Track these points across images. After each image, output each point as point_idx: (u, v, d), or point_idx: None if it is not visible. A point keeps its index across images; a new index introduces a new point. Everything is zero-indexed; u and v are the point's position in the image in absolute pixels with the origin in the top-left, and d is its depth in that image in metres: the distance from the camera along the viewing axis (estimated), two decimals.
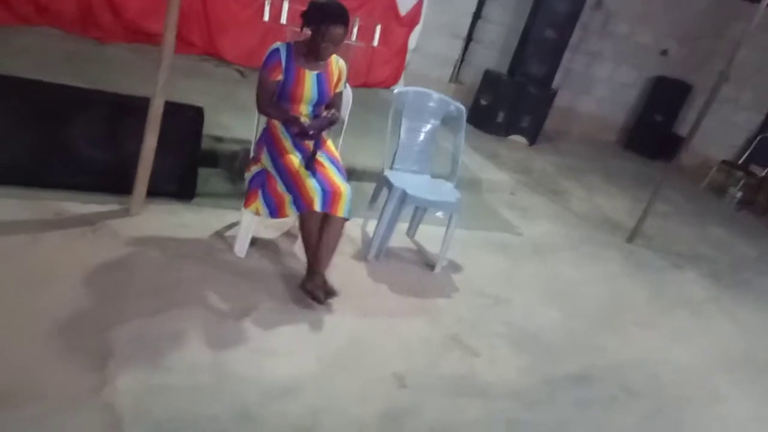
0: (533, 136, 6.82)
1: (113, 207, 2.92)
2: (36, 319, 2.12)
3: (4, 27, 4.54)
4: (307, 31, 2.71)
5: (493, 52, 7.20)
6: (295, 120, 2.73)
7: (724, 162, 7.29)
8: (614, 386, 2.85)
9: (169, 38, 2.66)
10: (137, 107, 2.85)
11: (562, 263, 4.07)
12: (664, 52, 7.95)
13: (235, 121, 3.86)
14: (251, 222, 2.84)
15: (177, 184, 3.18)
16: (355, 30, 3.76)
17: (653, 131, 8.01)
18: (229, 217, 3.15)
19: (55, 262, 2.44)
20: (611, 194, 5.95)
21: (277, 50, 2.72)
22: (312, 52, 2.72)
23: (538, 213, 4.84)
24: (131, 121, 2.92)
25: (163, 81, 2.71)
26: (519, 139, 6.76)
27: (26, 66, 3.87)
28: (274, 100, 2.79)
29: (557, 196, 5.42)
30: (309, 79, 2.76)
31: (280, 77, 2.73)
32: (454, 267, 3.48)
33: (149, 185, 2.92)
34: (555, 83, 7.01)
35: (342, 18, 2.68)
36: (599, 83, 7.88)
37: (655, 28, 7.68)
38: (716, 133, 7.37)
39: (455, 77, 7.28)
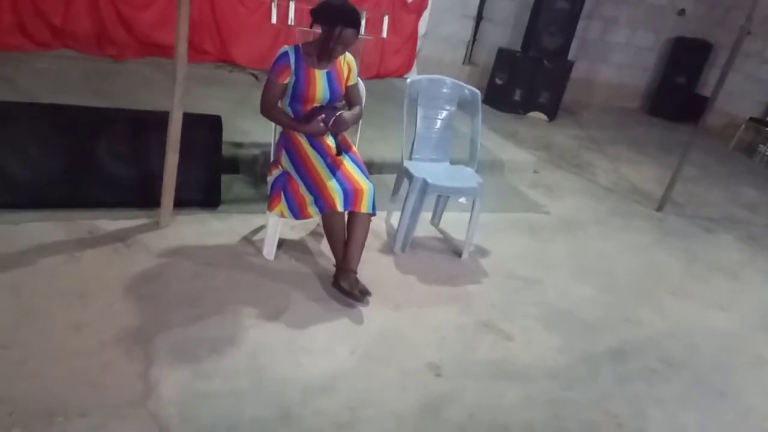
0: (553, 112, 6.73)
1: (143, 221, 3.00)
2: (79, 334, 2.20)
3: (23, 53, 4.66)
4: (316, 29, 2.72)
5: (505, 30, 7.10)
6: (311, 131, 2.75)
7: (751, 119, 7.08)
8: (654, 359, 2.83)
9: (182, 51, 2.70)
10: (158, 121, 2.91)
11: (592, 238, 4.03)
12: (681, 12, 7.73)
13: (253, 125, 3.91)
14: (277, 224, 2.89)
15: (202, 193, 3.24)
16: (363, 23, 3.74)
17: (676, 94, 7.82)
18: (255, 221, 3.21)
19: (93, 279, 2.52)
20: (637, 163, 5.85)
21: (285, 53, 2.74)
22: (323, 52, 2.73)
23: (563, 189, 4.80)
24: (153, 135, 2.98)
25: (179, 94, 2.75)
26: (538, 115, 6.67)
27: (48, 89, 4.00)
28: (282, 102, 2.83)
29: (582, 170, 5.35)
30: (320, 79, 2.78)
31: (289, 80, 2.75)
32: (482, 252, 3.48)
33: (175, 196, 2.98)
34: (571, 54, 6.89)
35: (355, 21, 2.68)
36: (616, 49, 7.71)
37: None
38: (741, 91, 7.16)
39: (468, 59, 7.22)
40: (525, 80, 6.49)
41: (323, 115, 2.74)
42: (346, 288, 2.65)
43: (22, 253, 2.58)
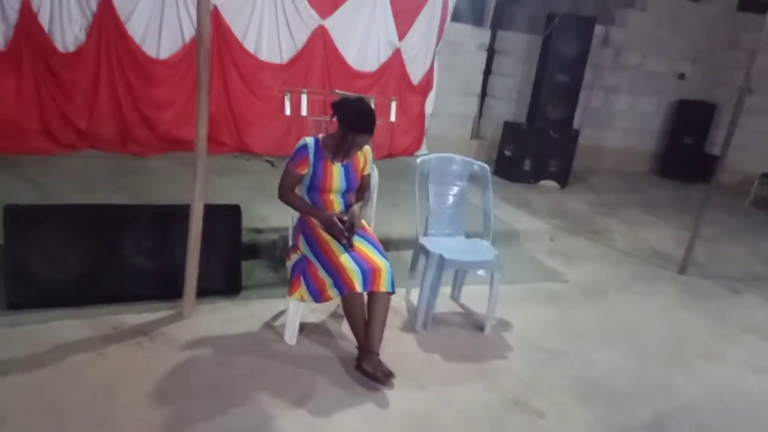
0: (563, 179, 6.82)
1: (166, 313, 3.03)
2: (102, 430, 2.19)
3: (49, 156, 4.90)
4: (334, 122, 2.84)
5: (509, 104, 7.35)
6: (324, 219, 2.82)
7: (764, 175, 7.09)
8: (690, 427, 2.72)
9: (201, 147, 2.84)
10: (179, 214, 3.01)
11: (616, 304, 3.97)
12: (681, 76, 7.96)
13: (271, 211, 4.01)
14: (297, 309, 2.90)
15: (223, 281, 3.29)
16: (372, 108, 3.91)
17: (685, 155, 7.90)
18: (276, 306, 3.22)
19: (117, 374, 2.53)
20: (653, 225, 5.84)
21: (305, 146, 2.85)
22: (339, 151, 2.84)
23: (581, 256, 4.78)
24: (175, 227, 3.07)
25: (200, 188, 2.86)
26: (549, 183, 6.76)
27: (73, 188, 4.17)
28: (300, 190, 2.93)
29: (598, 235, 5.34)
30: (336, 172, 2.88)
31: (306, 171, 2.86)
32: (505, 325, 3.44)
33: (197, 286, 3.03)
34: (576, 123, 7.06)
35: (370, 129, 2.82)
36: (621, 116, 7.89)
37: (666, 53, 7.73)
38: (751, 146, 7.23)
39: (476, 133, 7.43)
40: (533, 150, 6.63)
41: (342, 226, 2.79)
42: (369, 371, 2.63)
43: (48, 351, 2.61)
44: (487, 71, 7.27)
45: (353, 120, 2.78)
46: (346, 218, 2.81)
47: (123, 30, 4.99)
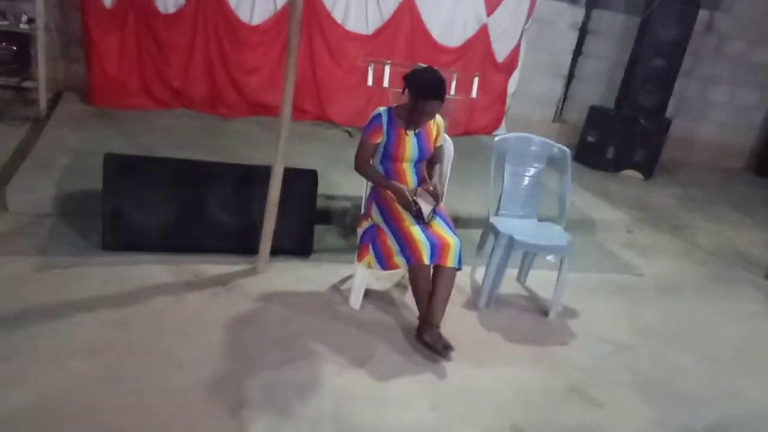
0: (648, 170, 6.51)
1: (242, 267, 3.21)
2: (180, 371, 2.37)
3: (145, 111, 5.22)
4: (407, 95, 2.87)
5: (597, 88, 7.05)
6: (397, 190, 2.86)
7: None
8: None
9: (286, 112, 2.95)
10: (260, 175, 3.15)
11: (691, 304, 3.80)
12: None
13: (345, 179, 4.10)
14: (364, 275, 2.99)
15: (296, 242, 3.43)
16: (454, 84, 3.89)
17: None
18: (344, 270, 3.33)
19: (195, 320, 2.72)
20: (743, 225, 5.49)
21: (379, 115, 2.90)
22: (411, 119, 2.87)
23: (660, 251, 4.58)
24: (256, 187, 3.22)
25: (282, 151, 2.98)
26: (633, 173, 6.47)
27: (165, 143, 4.44)
28: (375, 160, 2.98)
29: (681, 231, 5.09)
30: (409, 140, 2.91)
31: (380, 139, 2.91)
32: (570, 312, 3.38)
33: (272, 245, 3.18)
34: (668, 112, 6.69)
35: (439, 95, 2.81)
36: (717, 108, 7.39)
37: None
38: None
39: (558, 117, 7.20)
40: (618, 138, 6.36)
41: (415, 202, 2.82)
42: (429, 342, 2.68)
43: (135, 292, 2.84)
44: (577, 52, 6.99)
45: (421, 87, 2.80)
46: (417, 197, 2.84)
47: None
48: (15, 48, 4.74)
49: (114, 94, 5.17)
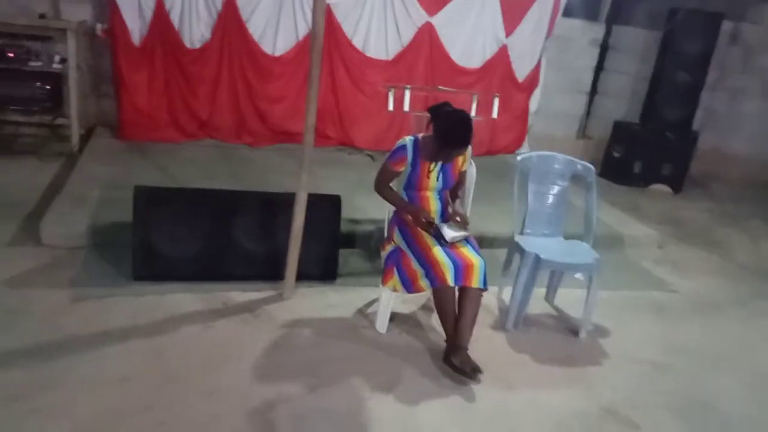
0: (678, 184, 6.39)
1: (269, 293, 3.23)
2: (211, 400, 2.39)
3: (174, 144, 5.36)
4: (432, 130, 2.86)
5: (620, 103, 6.99)
6: (414, 212, 2.88)
7: None
8: None
9: (309, 139, 2.99)
10: (285, 202, 3.18)
11: (731, 322, 3.68)
12: None
13: (369, 203, 4.12)
14: (390, 298, 2.98)
15: (321, 267, 3.44)
16: (474, 105, 3.91)
17: None
18: (369, 294, 3.33)
19: (225, 347, 2.74)
20: None
21: (404, 146, 2.90)
22: (436, 158, 2.87)
23: (693, 267, 4.47)
24: (280, 214, 3.26)
25: (305, 178, 3.02)
26: (662, 188, 6.36)
27: (194, 174, 4.54)
28: (398, 187, 3.00)
29: (715, 246, 4.96)
30: (434, 171, 2.93)
31: (403, 169, 2.93)
32: (602, 331, 3.31)
33: (298, 270, 3.20)
34: (695, 125, 6.58)
35: (465, 143, 2.81)
36: (748, 120, 7.22)
37: None
38: None
39: (582, 133, 7.14)
40: (645, 152, 6.27)
41: (432, 223, 2.84)
42: (457, 365, 2.64)
43: (165, 321, 2.89)
44: (599, 68, 6.95)
45: (447, 135, 2.78)
46: (434, 221, 2.85)
47: (244, 28, 5.35)
48: (48, 87, 4.93)
49: (143, 128, 5.33)
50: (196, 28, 5.28)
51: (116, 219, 3.56)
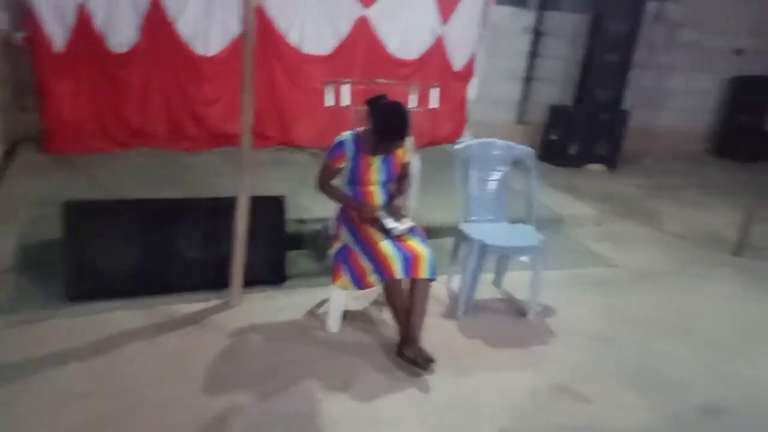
0: (612, 162, 6.63)
1: (215, 302, 3.15)
2: (163, 414, 2.30)
3: (106, 154, 5.13)
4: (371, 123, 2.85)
5: (555, 87, 7.17)
6: (358, 207, 2.87)
7: None
8: (752, 416, 2.62)
9: (247, 141, 2.92)
10: (226, 206, 3.09)
11: (669, 290, 3.85)
12: (739, 52, 7.56)
13: (314, 202, 4.06)
14: (340, 297, 2.96)
15: (269, 270, 3.38)
16: (413, 96, 3.91)
17: (743, 133, 7.53)
18: (320, 294, 3.29)
19: (171, 361, 2.65)
20: (710, 207, 5.61)
21: (343, 142, 2.88)
22: (377, 150, 2.86)
23: (631, 240, 4.65)
24: (223, 219, 3.16)
25: (246, 180, 2.95)
26: (597, 167, 6.58)
27: (129, 184, 4.36)
28: (341, 182, 2.97)
29: (650, 219, 5.18)
30: (375, 164, 2.91)
31: (344, 164, 2.90)
32: (549, 311, 3.40)
33: (244, 276, 3.13)
34: (626, 104, 6.83)
35: (403, 134, 2.80)
36: (674, 95, 7.58)
37: (724, 29, 7.36)
38: None
39: (520, 118, 7.29)
40: (580, 134, 6.47)
41: (379, 218, 2.83)
42: (410, 357, 2.66)
43: (107, 340, 2.76)
44: (533, 54, 7.11)
45: (385, 127, 2.78)
46: (379, 214, 2.84)
47: (173, 29, 5.16)
48: None
49: (71, 140, 5.07)
50: (121, 31, 5.05)
51: (47, 238, 3.37)
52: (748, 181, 6.39)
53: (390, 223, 2.81)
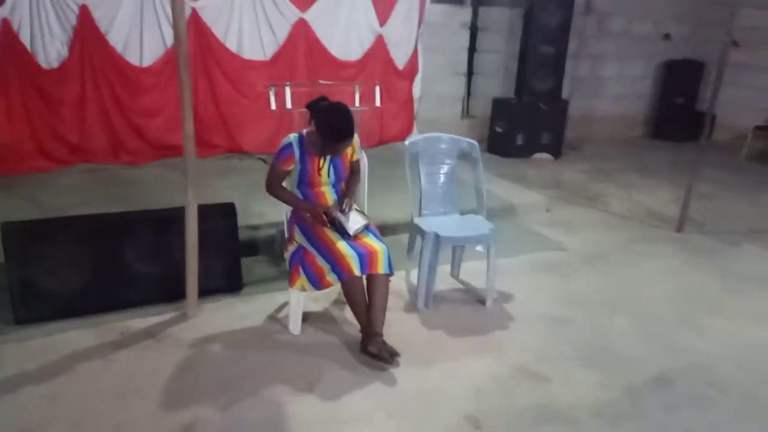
0: (557, 150, 6.83)
1: (171, 315, 3.08)
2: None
3: (45, 173, 4.92)
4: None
5: (496, 80, 7.33)
6: (310, 209, 2.86)
7: (757, 128, 7.08)
8: (700, 384, 2.75)
9: (190, 149, 2.87)
10: (175, 217, 3.03)
11: (617, 268, 4.00)
12: (667, 36, 7.93)
13: (267, 207, 4.03)
14: (299, 299, 2.94)
15: (224, 279, 3.33)
16: (358, 96, 3.93)
17: (677, 115, 7.90)
18: (278, 298, 3.26)
19: (129, 378, 2.57)
20: (650, 187, 5.85)
21: (290, 144, 2.85)
22: (324, 152, 2.84)
23: (579, 224, 4.80)
24: (173, 231, 3.09)
25: (192, 189, 2.89)
26: (543, 156, 6.76)
27: (72, 202, 4.20)
28: (291, 185, 2.95)
29: (595, 202, 5.36)
30: (325, 166, 2.90)
31: (292, 167, 2.88)
32: (506, 297, 3.47)
33: (199, 286, 3.07)
34: (565, 94, 7.06)
35: (349, 136, 2.77)
36: (609, 82, 7.88)
37: (650, 15, 7.71)
38: (742, 102, 7.22)
39: (466, 112, 7.42)
40: (524, 124, 6.63)
41: (330, 218, 2.82)
42: (374, 352, 2.67)
43: (58, 362, 2.66)
44: (472, 49, 7.25)
45: (330, 129, 2.76)
46: (332, 212, 2.84)
47: (104, 41, 5.00)
48: None
49: (6, 161, 4.83)
50: (50, 46, 4.86)
51: None
52: (685, 160, 6.67)
53: (347, 223, 2.80)
